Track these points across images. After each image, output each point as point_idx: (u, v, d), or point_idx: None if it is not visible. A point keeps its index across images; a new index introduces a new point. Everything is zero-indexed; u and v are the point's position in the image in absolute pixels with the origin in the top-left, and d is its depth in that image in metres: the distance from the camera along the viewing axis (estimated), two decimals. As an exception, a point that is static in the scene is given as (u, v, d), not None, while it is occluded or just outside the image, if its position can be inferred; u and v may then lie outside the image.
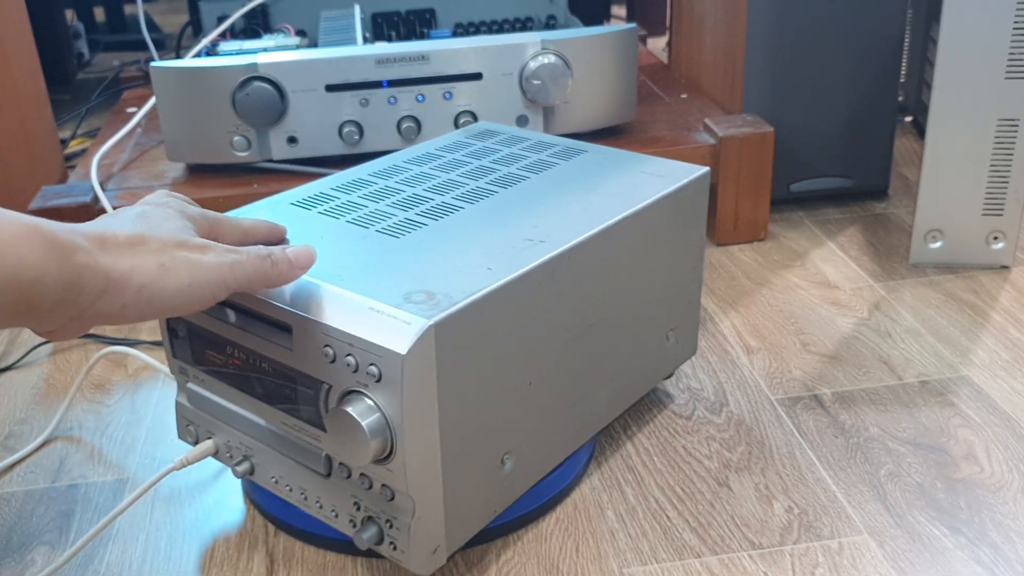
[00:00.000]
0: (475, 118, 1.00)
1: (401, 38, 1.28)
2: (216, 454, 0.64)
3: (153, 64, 0.97)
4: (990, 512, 0.64)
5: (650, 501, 0.67)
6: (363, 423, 0.50)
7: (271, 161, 1.00)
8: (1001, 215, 0.94)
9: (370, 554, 0.63)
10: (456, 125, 1.00)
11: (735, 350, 0.85)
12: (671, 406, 0.77)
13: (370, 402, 0.51)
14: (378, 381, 0.50)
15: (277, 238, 0.59)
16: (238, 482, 0.71)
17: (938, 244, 0.96)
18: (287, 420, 0.58)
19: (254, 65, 0.96)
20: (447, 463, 0.54)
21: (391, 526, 0.55)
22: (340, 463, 0.56)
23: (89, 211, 0.93)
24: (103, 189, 0.97)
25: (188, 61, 0.98)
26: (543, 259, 0.58)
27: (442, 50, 0.98)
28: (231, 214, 0.63)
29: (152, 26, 2.15)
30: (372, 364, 0.50)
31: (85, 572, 0.63)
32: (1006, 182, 0.92)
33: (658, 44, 1.90)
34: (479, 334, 0.54)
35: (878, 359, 0.82)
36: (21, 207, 1.05)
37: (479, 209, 0.65)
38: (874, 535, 0.62)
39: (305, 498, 0.60)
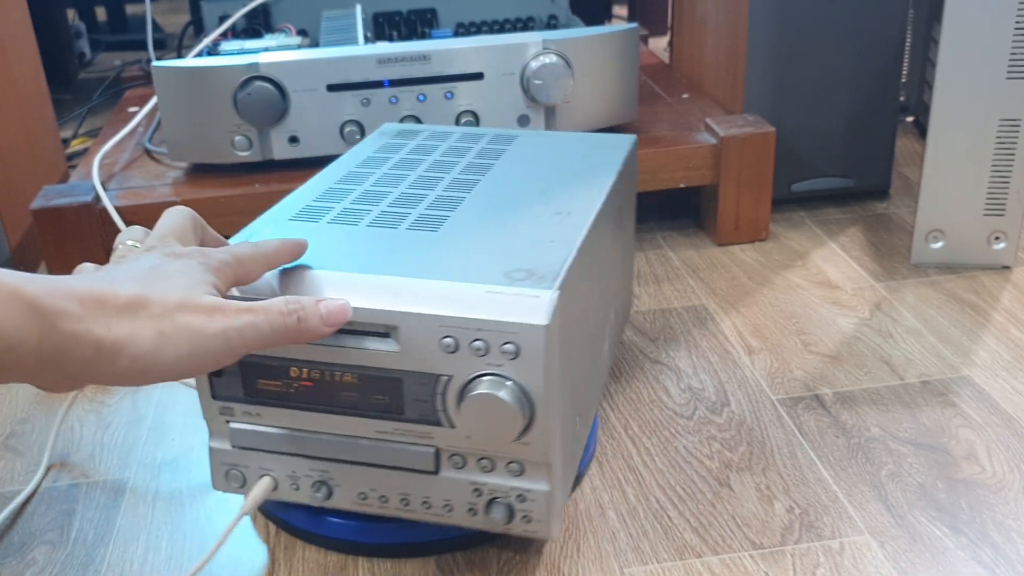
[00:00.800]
0: (476, 118, 1.00)
1: (402, 38, 1.28)
2: (275, 490, 0.61)
3: (154, 64, 0.97)
4: (991, 512, 0.64)
5: (651, 501, 0.67)
6: (510, 401, 0.51)
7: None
8: (1003, 215, 0.94)
9: (371, 554, 0.63)
10: (457, 124, 1.00)
11: (736, 350, 0.85)
12: (672, 406, 0.77)
13: (508, 381, 0.52)
14: (515, 358, 0.52)
15: (300, 252, 0.56)
16: (239, 482, 0.71)
17: (939, 244, 0.96)
18: (384, 427, 0.56)
19: (255, 65, 0.96)
20: (563, 428, 0.57)
21: (522, 500, 0.56)
22: (452, 455, 0.56)
23: (90, 211, 0.93)
24: (104, 189, 0.97)
25: (189, 61, 0.98)
26: (585, 229, 0.61)
27: (443, 50, 0.98)
28: (245, 232, 0.63)
29: (154, 26, 2.15)
30: (507, 343, 0.51)
31: (86, 572, 0.63)
32: (1007, 182, 0.92)
33: (659, 44, 1.90)
34: (569, 301, 0.56)
35: (879, 359, 0.82)
36: (23, 206, 1.06)
37: (481, 195, 0.67)
38: (875, 535, 0.62)
39: (406, 503, 0.58)
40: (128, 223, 0.94)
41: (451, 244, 0.59)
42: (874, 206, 1.12)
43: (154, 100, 1.09)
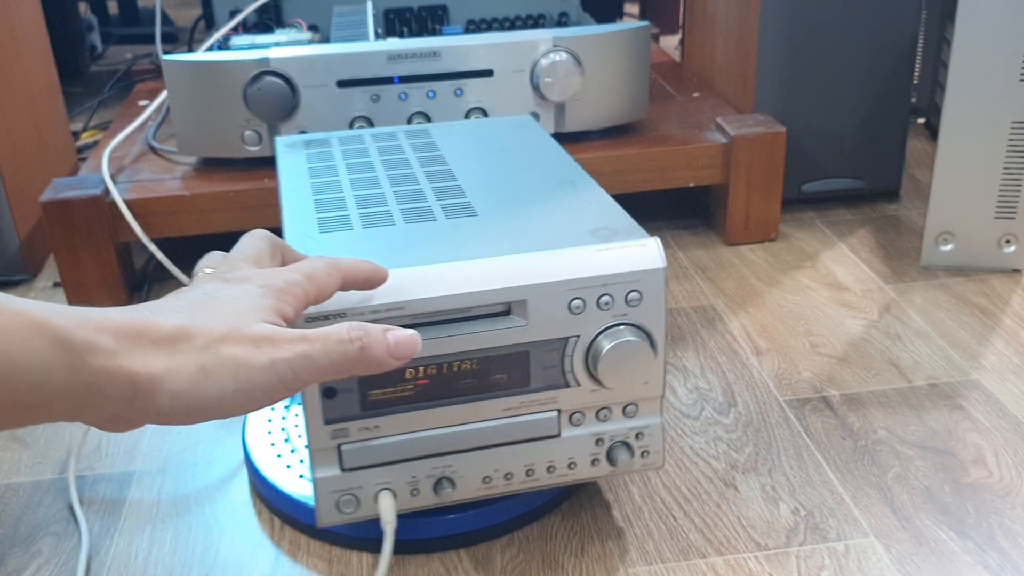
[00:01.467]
0: (485, 114, 1.00)
1: (413, 34, 1.28)
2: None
3: (164, 57, 0.97)
4: (998, 517, 0.63)
5: (656, 501, 0.66)
6: (645, 344, 0.56)
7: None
8: (1014, 218, 0.93)
9: (374, 548, 0.63)
10: (467, 120, 1.00)
11: (744, 350, 0.84)
12: (679, 406, 0.77)
13: (633, 327, 0.56)
14: (638, 304, 0.56)
15: (381, 277, 0.51)
16: (244, 477, 0.71)
17: (949, 247, 0.96)
18: (509, 403, 0.57)
19: (266, 60, 0.96)
20: None
21: (639, 437, 0.60)
22: (572, 414, 0.59)
23: (99, 204, 0.93)
24: (114, 182, 0.97)
25: (200, 55, 0.98)
26: (602, 191, 0.65)
27: (454, 46, 0.98)
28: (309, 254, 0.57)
29: (165, 19, 2.15)
30: (632, 291, 0.56)
31: (91, 564, 0.63)
32: (1019, 185, 0.92)
33: (671, 42, 1.89)
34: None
35: (887, 361, 0.82)
36: (32, 199, 1.06)
37: (472, 182, 0.68)
38: (880, 538, 0.62)
39: (531, 474, 0.59)
40: (137, 216, 0.94)
41: (506, 222, 0.60)
42: (884, 208, 1.12)
43: (163, 95, 1.09)
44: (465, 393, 0.56)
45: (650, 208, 1.12)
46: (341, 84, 0.98)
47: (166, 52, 1.12)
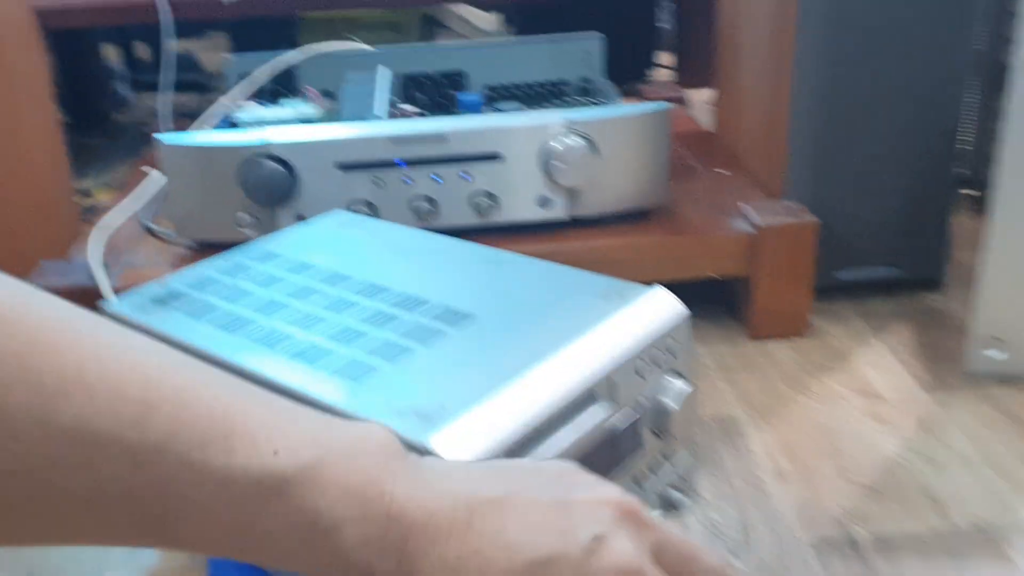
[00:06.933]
0: (493, 199, 0.94)
1: (429, 100, 1.23)
2: None
3: (160, 139, 0.92)
4: None
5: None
6: (691, 386, 0.61)
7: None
8: (1068, 324, 0.85)
9: None
10: (473, 206, 0.94)
11: (765, 475, 0.77)
12: (689, 544, 0.70)
13: (677, 373, 0.61)
14: (677, 352, 0.62)
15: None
16: None
17: (999, 353, 0.87)
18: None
19: (265, 143, 0.91)
20: None
21: (681, 478, 0.64)
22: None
23: (88, 295, 0.89)
24: (106, 266, 0.93)
25: (197, 137, 0.93)
26: (529, 258, 0.69)
27: (460, 130, 0.92)
28: None
29: (194, 66, 2.14)
30: (671, 339, 0.62)
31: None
32: (1075, 289, 0.83)
33: (705, 95, 1.82)
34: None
35: (924, 494, 0.74)
36: (25, 273, 1.01)
37: (402, 285, 0.66)
38: None
39: None
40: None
41: (511, 317, 0.60)
42: (926, 298, 1.04)
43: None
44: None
45: (672, 291, 1.04)
46: (342, 167, 0.93)
47: (183, 112, 1.08)
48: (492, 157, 0.93)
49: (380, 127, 0.93)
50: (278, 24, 1.91)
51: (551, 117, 0.93)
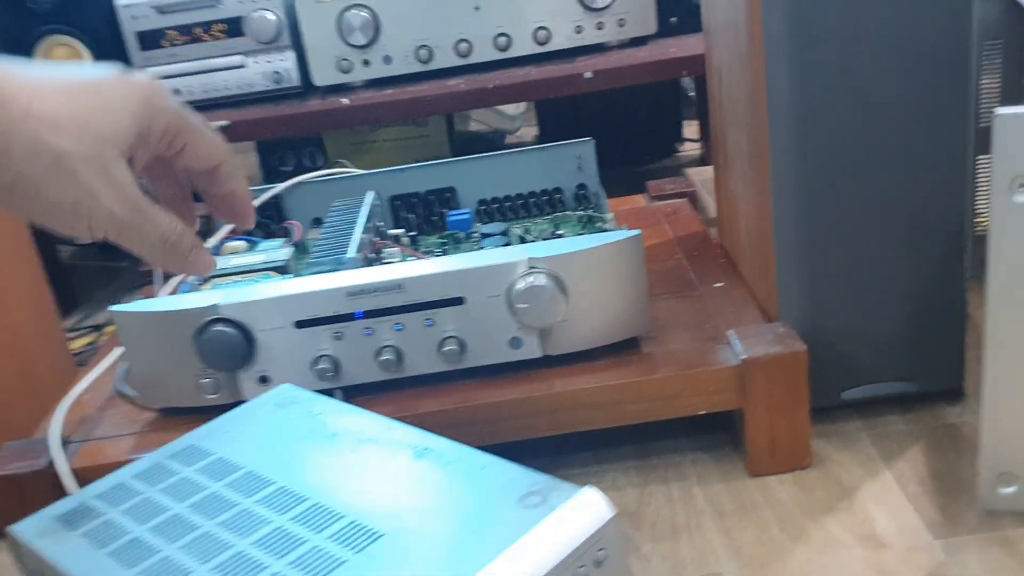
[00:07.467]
0: (461, 344, 0.89)
1: (420, 220, 1.20)
2: None
3: (112, 309, 0.90)
4: None
5: None
6: None
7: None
8: (1093, 453, 0.76)
9: None
10: (440, 352, 0.90)
11: (750, 653, 0.70)
12: None
13: None
14: (605, 561, 0.56)
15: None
16: None
17: (1013, 489, 0.79)
18: None
19: (215, 307, 0.88)
20: None
21: None
22: None
23: (49, 478, 0.86)
24: (68, 442, 0.90)
25: (149, 303, 0.91)
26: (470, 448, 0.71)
27: (417, 276, 0.88)
28: None
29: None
30: (600, 549, 0.55)
31: None
32: (1095, 415, 0.75)
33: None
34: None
35: (928, 675, 0.66)
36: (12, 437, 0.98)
37: (334, 494, 0.61)
38: None
39: None
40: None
41: (428, 528, 0.56)
42: (944, 412, 0.95)
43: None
44: None
45: (670, 426, 0.97)
46: (300, 325, 0.89)
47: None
48: (455, 302, 0.89)
49: (334, 279, 0.89)
50: (302, 139, 1.92)
51: (513, 254, 0.88)
